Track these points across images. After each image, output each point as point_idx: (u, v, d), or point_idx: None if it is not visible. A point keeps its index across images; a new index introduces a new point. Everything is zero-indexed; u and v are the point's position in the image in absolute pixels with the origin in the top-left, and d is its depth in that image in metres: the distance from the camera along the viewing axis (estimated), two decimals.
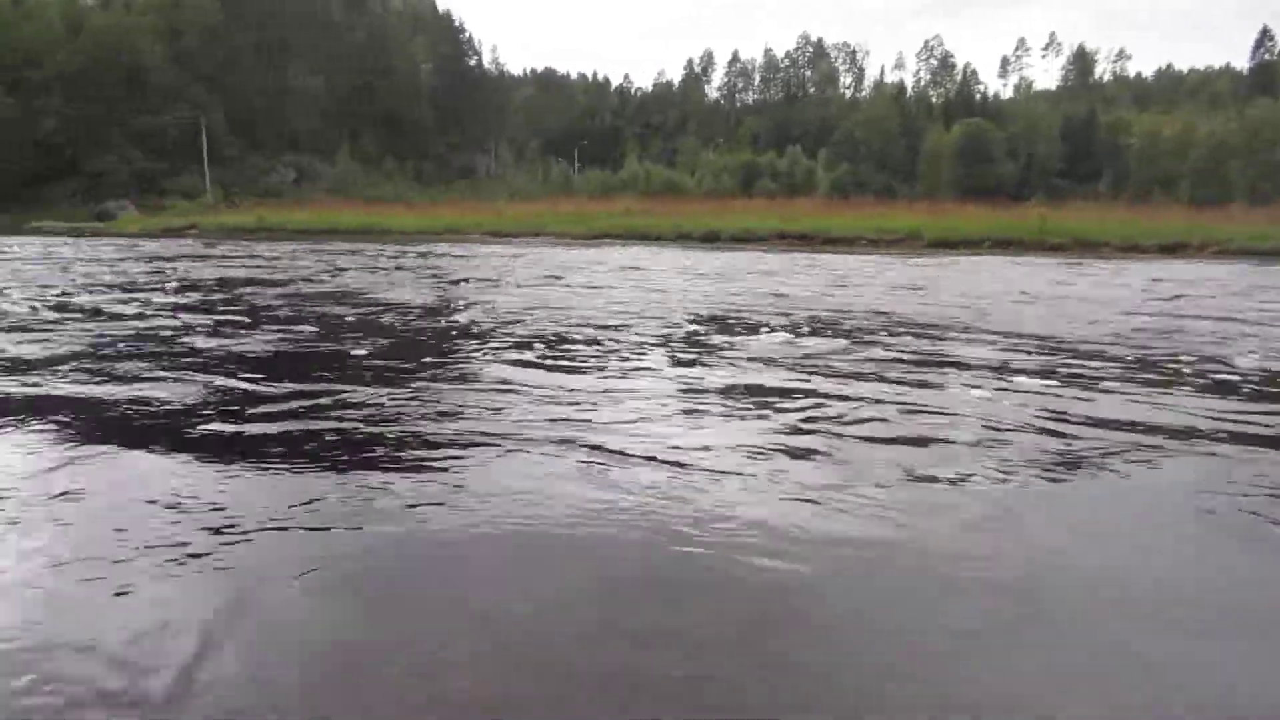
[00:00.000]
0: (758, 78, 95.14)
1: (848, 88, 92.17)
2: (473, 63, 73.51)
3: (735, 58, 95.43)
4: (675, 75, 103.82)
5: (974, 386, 3.88)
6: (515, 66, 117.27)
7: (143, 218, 40.15)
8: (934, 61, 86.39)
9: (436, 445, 2.81)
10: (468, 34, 73.92)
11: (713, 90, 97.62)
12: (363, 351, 4.71)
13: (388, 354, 4.73)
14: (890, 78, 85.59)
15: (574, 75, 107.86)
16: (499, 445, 2.80)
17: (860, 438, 2.96)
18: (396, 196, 51.04)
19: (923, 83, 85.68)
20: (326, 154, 57.52)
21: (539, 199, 46.68)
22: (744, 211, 29.84)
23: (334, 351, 4.79)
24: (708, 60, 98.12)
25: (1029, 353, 4.82)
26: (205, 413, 3.22)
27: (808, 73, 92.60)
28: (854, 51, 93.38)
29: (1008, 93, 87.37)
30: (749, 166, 64.48)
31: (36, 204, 46.48)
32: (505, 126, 77.87)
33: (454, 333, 5.79)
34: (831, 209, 32.17)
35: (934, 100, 79.12)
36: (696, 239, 23.91)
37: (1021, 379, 4.03)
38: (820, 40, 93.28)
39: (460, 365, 4.46)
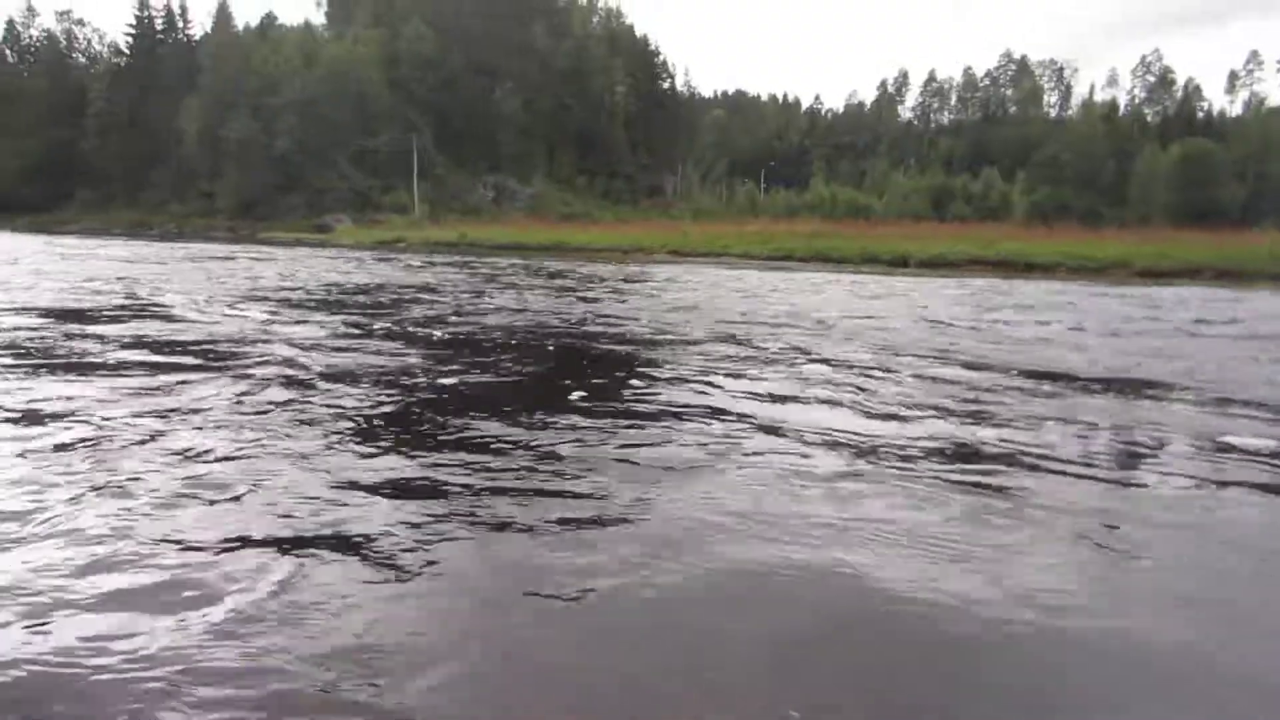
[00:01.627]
0: (954, 97, 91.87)
1: (1052, 106, 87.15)
2: (665, 85, 75.08)
3: (931, 77, 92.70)
4: (867, 96, 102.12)
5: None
6: (706, 88, 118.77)
7: (357, 230, 43.55)
8: (1151, 78, 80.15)
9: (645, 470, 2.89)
10: (662, 57, 75.63)
11: (906, 111, 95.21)
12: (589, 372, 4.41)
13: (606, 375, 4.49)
14: (1100, 95, 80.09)
15: (764, 97, 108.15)
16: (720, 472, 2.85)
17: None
18: (586, 214, 53.01)
19: (1137, 100, 79.76)
20: (524, 173, 60.47)
21: (723, 219, 47.10)
22: (935, 236, 28.83)
23: (548, 374, 4.68)
24: (902, 80, 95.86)
25: None
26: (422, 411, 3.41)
27: (1008, 91, 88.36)
28: (1060, 69, 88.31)
29: (1235, 110, 79.82)
30: (941, 189, 62.34)
31: (269, 216, 51.56)
32: (693, 147, 79.02)
33: (672, 357, 5.39)
34: (1030, 234, 30.58)
35: (1149, 119, 73.55)
36: (885, 262, 23.32)
37: None
38: (1024, 57, 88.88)
39: (678, 391, 4.20)
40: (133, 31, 70.39)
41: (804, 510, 2.49)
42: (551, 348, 5.89)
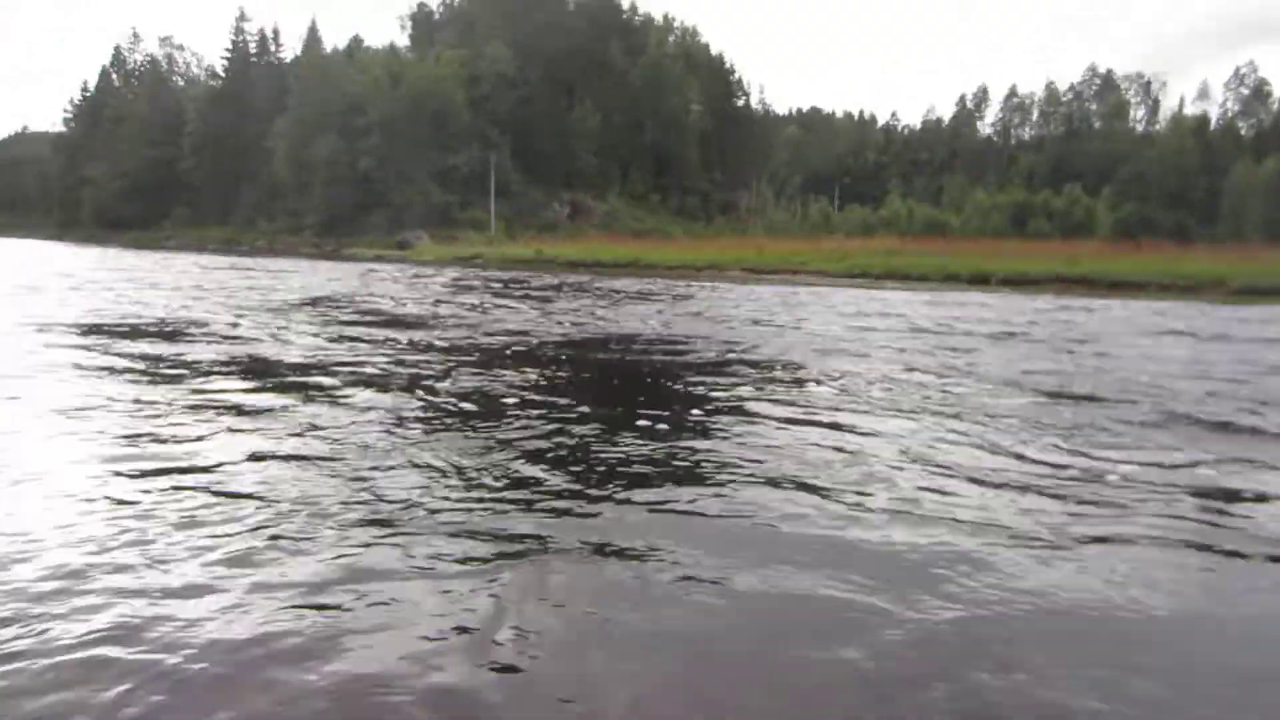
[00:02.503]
0: (1036, 112, 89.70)
1: (1138, 121, 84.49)
2: (740, 103, 75.14)
3: (1013, 92, 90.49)
4: (945, 112, 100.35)
5: None
6: (781, 105, 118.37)
7: (436, 247, 44.50)
8: (1245, 90, 77.08)
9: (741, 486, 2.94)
10: (737, 75, 75.72)
11: (985, 126, 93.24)
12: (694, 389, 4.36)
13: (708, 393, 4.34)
14: (1190, 109, 77.27)
15: (839, 113, 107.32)
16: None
17: None
18: (660, 231, 53.31)
19: (1230, 113, 76.75)
20: (599, 190, 61.16)
21: (797, 236, 46.90)
22: (1017, 252, 28.23)
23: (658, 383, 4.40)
24: (981, 95, 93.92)
25: None
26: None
27: (1093, 106, 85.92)
28: (1148, 82, 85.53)
29: None
30: (1022, 205, 60.85)
31: (352, 232, 53.13)
32: (768, 164, 78.84)
33: (771, 378, 5.30)
34: (1116, 251, 29.71)
35: (1243, 132, 70.75)
36: (965, 280, 22.93)
37: None
38: (1109, 71, 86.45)
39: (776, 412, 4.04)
40: (228, 55, 73.61)
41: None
42: (656, 364, 5.91)
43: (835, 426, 3.95)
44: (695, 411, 4.29)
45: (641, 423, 3.87)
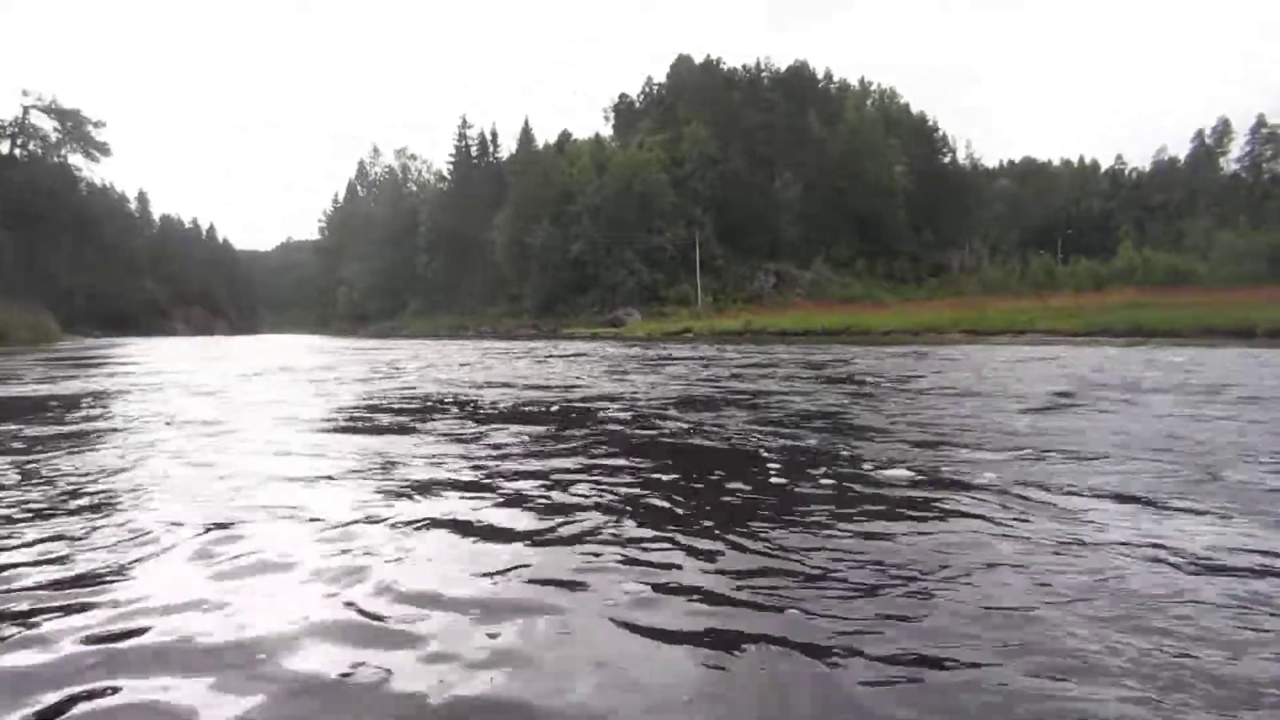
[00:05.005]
0: None
1: None
2: (946, 160, 73.04)
3: (1261, 123, 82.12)
4: (1180, 150, 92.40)
5: None
6: (991, 159, 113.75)
7: (646, 323, 45.73)
8: None
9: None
10: (941, 132, 73.83)
11: (1230, 162, 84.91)
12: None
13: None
14: None
15: (1056, 162, 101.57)
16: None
17: None
18: (868, 296, 52.13)
19: None
20: (802, 259, 60.93)
21: (1018, 293, 44.28)
22: None
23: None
24: (1223, 128, 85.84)
25: None
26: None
27: None
28: None
29: None
30: None
31: (566, 313, 55.80)
32: (980, 221, 75.66)
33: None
34: None
35: None
36: (1223, 333, 20.58)
37: None
38: None
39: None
40: (452, 159, 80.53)
41: None
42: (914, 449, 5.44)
43: None
44: None
45: None
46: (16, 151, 61.74)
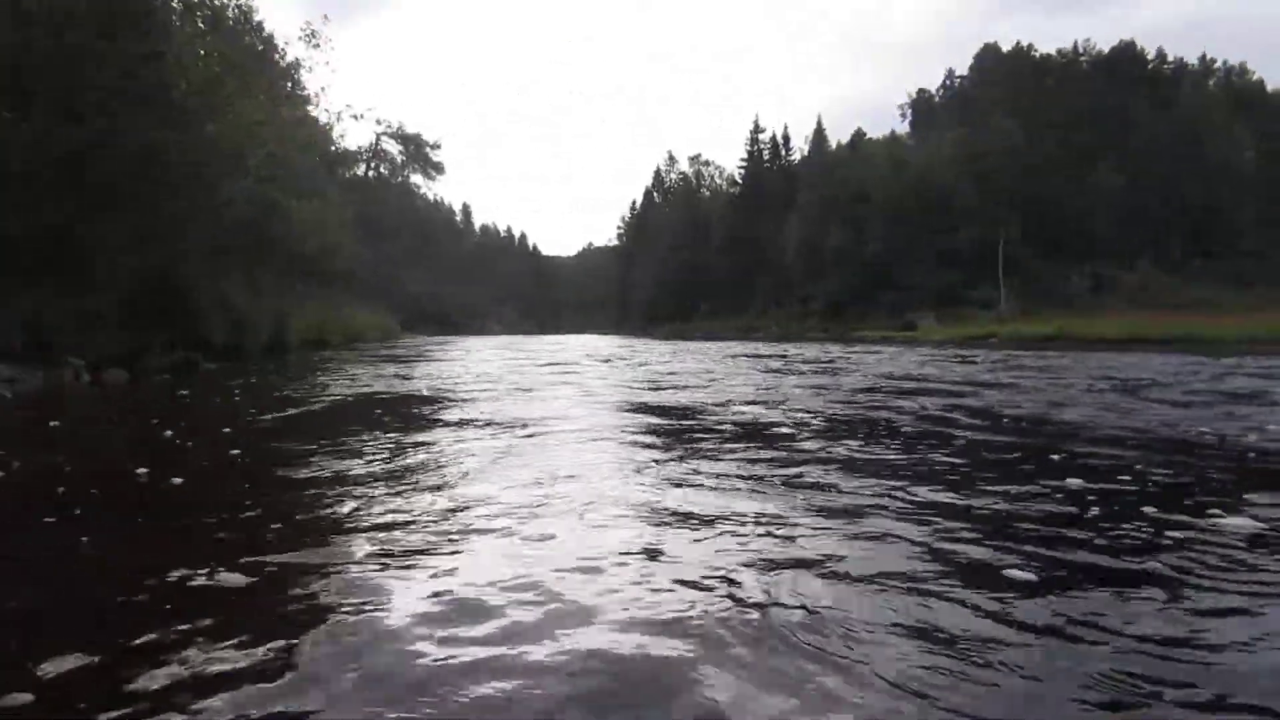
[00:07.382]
0: None
1: None
2: None
3: None
4: None
5: None
6: None
7: (943, 328, 43.70)
8: None
9: None
10: None
11: None
12: None
13: None
14: None
15: None
16: None
17: None
18: (1205, 301, 46.14)
19: None
20: (1124, 259, 55.24)
21: None
22: None
23: None
24: None
25: None
26: None
27: None
28: None
29: None
30: None
31: (857, 316, 54.86)
32: None
33: None
34: None
35: None
36: None
37: None
38: None
39: None
40: (744, 163, 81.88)
41: None
42: None
43: None
44: None
45: None
46: (370, 174, 71.25)
